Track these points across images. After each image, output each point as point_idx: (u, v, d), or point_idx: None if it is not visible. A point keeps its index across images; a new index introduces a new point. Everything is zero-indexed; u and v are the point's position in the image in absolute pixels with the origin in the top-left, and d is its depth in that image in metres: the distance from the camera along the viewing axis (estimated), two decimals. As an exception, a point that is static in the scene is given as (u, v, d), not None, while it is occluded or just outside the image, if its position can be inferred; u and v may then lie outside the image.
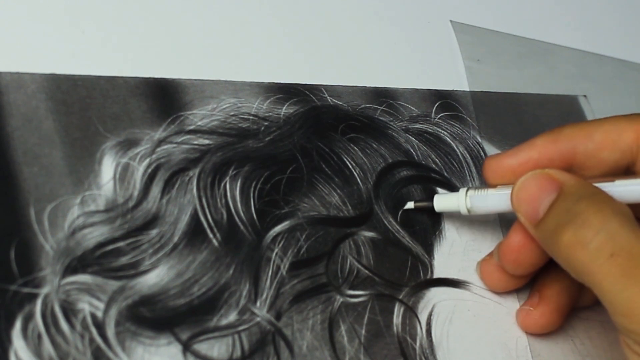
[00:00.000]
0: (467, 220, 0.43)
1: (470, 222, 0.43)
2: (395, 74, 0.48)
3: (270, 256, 0.36)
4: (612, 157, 0.38)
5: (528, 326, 0.40)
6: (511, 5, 0.58)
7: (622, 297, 0.31)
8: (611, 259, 0.32)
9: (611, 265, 0.32)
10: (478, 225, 0.44)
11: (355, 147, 0.42)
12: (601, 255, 0.32)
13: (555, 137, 0.39)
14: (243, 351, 0.34)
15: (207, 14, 0.43)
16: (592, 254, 0.32)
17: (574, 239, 0.33)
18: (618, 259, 0.31)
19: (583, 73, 0.58)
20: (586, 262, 0.32)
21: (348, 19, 0.48)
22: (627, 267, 0.31)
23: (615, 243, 0.32)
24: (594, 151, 0.38)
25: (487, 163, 0.40)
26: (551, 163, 0.38)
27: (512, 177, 0.38)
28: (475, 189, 0.40)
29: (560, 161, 0.39)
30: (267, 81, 0.42)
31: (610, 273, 0.32)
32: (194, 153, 0.37)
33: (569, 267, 0.34)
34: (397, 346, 0.37)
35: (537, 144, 0.39)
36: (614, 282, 0.32)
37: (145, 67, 0.38)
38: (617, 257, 0.32)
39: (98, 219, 0.33)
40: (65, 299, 0.31)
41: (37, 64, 0.35)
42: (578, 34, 0.60)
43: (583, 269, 0.33)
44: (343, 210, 0.40)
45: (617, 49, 0.60)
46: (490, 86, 0.51)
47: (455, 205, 0.40)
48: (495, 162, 0.40)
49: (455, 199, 0.40)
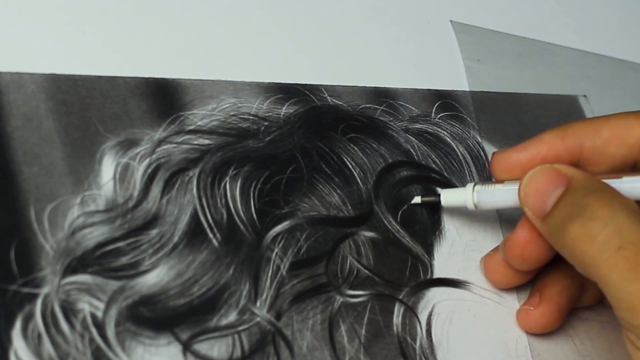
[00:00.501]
0: (467, 220, 0.43)
1: (470, 222, 0.43)
2: (395, 74, 0.47)
3: (270, 256, 0.36)
4: (620, 153, 0.38)
5: (528, 326, 0.40)
6: (511, 5, 0.58)
7: (628, 291, 0.31)
8: (618, 252, 0.32)
9: (618, 258, 0.32)
10: (478, 225, 0.44)
11: (355, 147, 0.42)
12: (608, 248, 0.32)
13: (562, 132, 0.39)
14: (243, 351, 0.34)
15: (207, 14, 0.43)
16: (599, 246, 0.32)
17: (582, 232, 0.33)
18: (625, 252, 0.31)
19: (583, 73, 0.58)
20: (593, 255, 0.32)
21: (348, 19, 0.48)
22: (634, 261, 0.31)
23: (622, 236, 0.32)
24: (602, 147, 0.38)
25: (494, 158, 0.40)
26: (558, 158, 0.38)
27: (520, 172, 0.38)
28: (483, 184, 0.40)
29: (568, 157, 0.39)
30: (267, 81, 0.42)
31: (617, 266, 0.32)
32: (194, 153, 0.37)
33: (575, 261, 0.34)
34: (397, 346, 0.37)
35: (544, 140, 0.39)
36: (620, 275, 0.31)
37: (145, 67, 0.38)
38: (624, 251, 0.32)
39: (98, 219, 0.33)
40: (65, 299, 0.31)
41: (37, 64, 0.35)
42: (578, 34, 0.60)
43: (589, 262, 0.33)
44: (343, 210, 0.40)
45: (617, 49, 0.60)
46: (490, 86, 0.51)
47: (462, 200, 0.40)
48: (503, 157, 0.40)
49: (462, 194, 0.40)
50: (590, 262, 0.33)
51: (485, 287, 0.42)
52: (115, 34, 0.39)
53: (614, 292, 0.32)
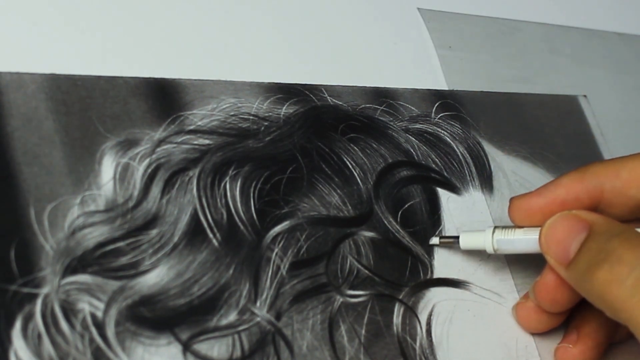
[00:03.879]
0: (467, 221, 0.43)
1: (470, 223, 0.43)
2: (395, 74, 0.47)
3: (270, 256, 0.36)
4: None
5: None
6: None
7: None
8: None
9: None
10: (478, 225, 0.44)
11: (355, 147, 0.42)
12: (638, 291, 0.32)
13: (581, 175, 0.39)
14: (243, 351, 0.34)
15: (207, 14, 0.43)
16: (628, 290, 0.32)
17: (609, 277, 0.33)
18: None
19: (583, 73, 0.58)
20: (623, 299, 0.32)
21: (348, 19, 0.48)
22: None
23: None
24: (621, 189, 0.38)
25: (513, 204, 0.40)
26: (578, 202, 0.38)
27: (540, 217, 0.38)
28: (502, 229, 0.40)
29: (588, 199, 0.38)
30: (267, 81, 0.42)
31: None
32: (194, 153, 0.37)
33: (603, 305, 0.34)
34: (397, 346, 0.37)
35: (563, 183, 0.39)
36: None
37: (145, 67, 0.38)
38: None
39: (98, 219, 0.33)
40: (65, 299, 0.31)
41: (37, 64, 0.35)
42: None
43: (619, 306, 0.33)
44: (343, 210, 0.40)
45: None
46: (464, 72, 0.50)
47: (481, 244, 0.40)
48: (522, 203, 0.40)
49: (481, 238, 0.40)
50: (620, 306, 0.33)
51: (485, 287, 0.42)
52: (115, 34, 0.39)
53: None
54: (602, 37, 0.61)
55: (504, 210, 0.45)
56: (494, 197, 0.46)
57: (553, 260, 0.37)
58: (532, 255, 0.39)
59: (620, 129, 0.57)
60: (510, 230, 0.39)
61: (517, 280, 0.43)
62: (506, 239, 0.39)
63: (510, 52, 0.54)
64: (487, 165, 0.47)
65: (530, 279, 0.43)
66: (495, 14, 0.56)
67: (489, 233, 0.40)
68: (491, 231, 0.40)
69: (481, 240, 0.40)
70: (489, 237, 0.40)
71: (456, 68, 0.50)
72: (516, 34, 0.56)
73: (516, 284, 0.43)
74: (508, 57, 0.54)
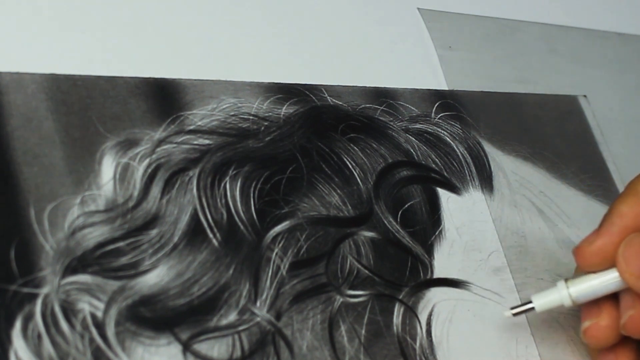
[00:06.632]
0: (467, 221, 0.43)
1: (470, 222, 0.43)
2: (396, 74, 0.47)
3: (270, 256, 0.36)
4: None
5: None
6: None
7: None
8: None
9: None
10: (478, 225, 0.44)
11: (355, 147, 0.42)
12: None
13: (636, 197, 0.38)
14: (243, 351, 0.34)
15: (207, 14, 0.43)
16: None
17: None
18: None
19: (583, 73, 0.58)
20: None
21: (348, 19, 0.48)
22: None
23: None
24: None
25: (579, 253, 0.39)
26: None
27: (612, 258, 0.37)
28: (573, 280, 0.39)
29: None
30: (267, 81, 0.42)
31: None
32: (194, 153, 0.37)
33: None
34: (397, 346, 0.37)
35: (624, 212, 0.38)
36: None
37: (145, 67, 0.38)
38: None
39: (98, 219, 0.33)
40: (65, 299, 0.31)
41: (37, 64, 0.35)
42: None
43: None
44: (343, 210, 0.40)
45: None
46: (465, 73, 0.50)
47: (557, 301, 0.39)
48: (588, 248, 0.38)
49: (556, 294, 0.39)
50: None
51: (485, 287, 0.42)
52: (115, 34, 0.39)
53: None
54: (602, 37, 0.61)
55: (503, 210, 0.45)
56: (494, 197, 0.46)
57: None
58: (532, 254, 0.39)
59: (620, 129, 0.57)
60: (584, 279, 0.38)
61: (517, 281, 0.43)
62: (584, 288, 0.38)
63: (510, 52, 0.54)
64: (487, 165, 0.47)
65: (530, 278, 0.43)
66: (495, 14, 0.56)
67: (562, 287, 0.39)
68: (563, 284, 0.39)
69: (557, 298, 0.39)
70: (564, 292, 0.39)
71: (456, 68, 0.50)
72: (516, 34, 0.56)
73: (516, 284, 0.43)
74: (508, 57, 0.54)
